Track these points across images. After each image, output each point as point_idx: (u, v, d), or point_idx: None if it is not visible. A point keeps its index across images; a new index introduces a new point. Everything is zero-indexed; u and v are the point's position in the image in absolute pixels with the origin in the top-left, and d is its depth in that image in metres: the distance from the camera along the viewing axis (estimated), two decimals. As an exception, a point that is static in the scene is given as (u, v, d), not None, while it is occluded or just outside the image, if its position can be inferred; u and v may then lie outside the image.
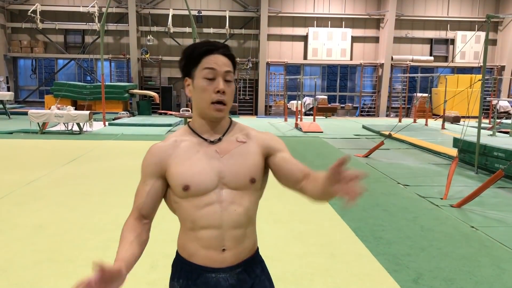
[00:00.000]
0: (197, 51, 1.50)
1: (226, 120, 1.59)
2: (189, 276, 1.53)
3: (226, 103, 1.50)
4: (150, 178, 1.53)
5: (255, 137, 1.59)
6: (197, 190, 1.46)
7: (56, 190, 6.17)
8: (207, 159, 1.50)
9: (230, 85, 1.52)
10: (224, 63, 1.50)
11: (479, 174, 7.72)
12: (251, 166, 1.52)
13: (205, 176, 1.47)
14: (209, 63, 1.48)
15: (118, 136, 12.16)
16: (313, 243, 4.30)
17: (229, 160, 1.51)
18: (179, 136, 1.57)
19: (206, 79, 1.48)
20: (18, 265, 3.67)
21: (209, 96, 1.48)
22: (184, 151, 1.51)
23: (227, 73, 1.50)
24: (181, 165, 1.49)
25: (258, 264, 1.62)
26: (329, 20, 22.07)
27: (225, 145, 1.54)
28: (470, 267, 3.79)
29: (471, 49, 22.00)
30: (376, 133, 14.01)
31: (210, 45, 1.51)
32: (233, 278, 1.53)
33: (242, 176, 1.49)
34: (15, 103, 21.29)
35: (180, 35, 21.86)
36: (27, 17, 20.87)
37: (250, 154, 1.54)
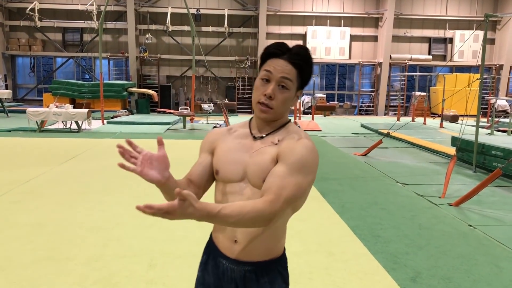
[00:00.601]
0: (266, 52, 1.54)
1: (280, 122, 1.59)
2: (211, 254, 1.64)
3: (272, 108, 1.51)
4: (203, 153, 1.66)
5: (286, 141, 1.51)
6: (223, 177, 1.56)
7: (54, 189, 6.16)
8: (241, 151, 1.56)
9: (284, 92, 1.51)
10: (283, 69, 1.49)
11: (477, 173, 7.74)
12: (264, 168, 1.50)
13: (232, 167, 1.54)
14: (269, 65, 1.51)
15: (117, 135, 12.16)
16: (312, 241, 4.31)
17: (255, 158, 1.53)
18: (237, 126, 1.67)
19: (262, 80, 1.53)
20: (17, 263, 3.67)
21: (258, 96, 1.53)
22: (230, 139, 1.61)
23: (283, 79, 1.49)
24: (221, 151, 1.59)
25: (275, 273, 1.58)
26: (327, 19, 22.07)
27: (261, 143, 1.56)
28: (468, 265, 3.80)
29: (470, 48, 22.02)
30: (375, 132, 14.02)
31: (278, 48, 1.52)
32: (239, 273, 1.56)
33: (257, 176, 1.51)
34: (13, 101, 21.24)
35: (178, 33, 21.85)
36: (25, 15, 20.83)
37: (269, 157, 1.51)
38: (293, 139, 1.51)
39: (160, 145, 1.48)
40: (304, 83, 1.56)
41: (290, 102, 1.55)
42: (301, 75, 1.53)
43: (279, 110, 1.53)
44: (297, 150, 1.45)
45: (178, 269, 3.60)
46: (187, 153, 7.82)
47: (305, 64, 1.52)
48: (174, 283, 3.37)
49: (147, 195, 5.83)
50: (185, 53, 21.91)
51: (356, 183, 6.87)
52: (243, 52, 22.06)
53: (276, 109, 1.52)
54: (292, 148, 1.47)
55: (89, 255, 3.85)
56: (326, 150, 10.25)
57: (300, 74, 1.52)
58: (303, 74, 1.53)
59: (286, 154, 1.46)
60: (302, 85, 1.56)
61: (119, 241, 4.22)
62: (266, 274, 1.57)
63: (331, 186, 6.64)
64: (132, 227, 4.60)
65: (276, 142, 1.53)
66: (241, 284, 1.57)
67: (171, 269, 3.59)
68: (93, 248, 4.02)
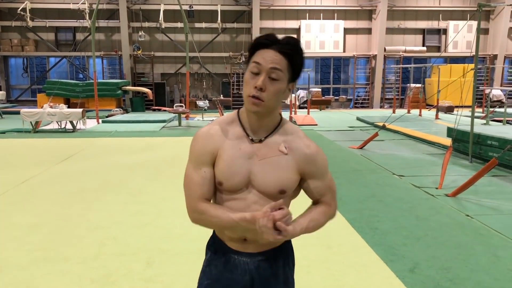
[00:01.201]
0: (254, 43, 1.49)
1: (274, 119, 1.56)
2: (218, 251, 1.65)
3: (264, 100, 1.46)
4: (206, 166, 1.54)
5: (298, 151, 1.56)
6: (228, 187, 1.53)
7: (50, 189, 6.13)
8: (244, 159, 1.52)
9: (275, 83, 1.46)
10: (272, 60, 1.44)
11: (473, 163, 7.76)
12: (283, 179, 1.52)
13: (238, 177, 1.51)
14: (257, 57, 1.46)
15: (112, 133, 12.11)
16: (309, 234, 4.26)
17: (264, 167, 1.51)
18: (225, 124, 1.57)
19: (251, 73, 1.47)
20: (14, 264, 3.65)
21: (249, 90, 1.47)
22: (229, 145, 1.53)
23: (273, 70, 1.45)
24: (223, 161, 1.52)
25: (284, 256, 1.67)
26: (321, 12, 22.02)
27: (266, 149, 1.53)
28: (465, 255, 3.81)
29: (464, 39, 22.03)
30: (370, 125, 14.03)
31: (267, 38, 1.47)
32: (253, 264, 1.60)
33: (272, 186, 1.51)
34: (7, 102, 21.11)
35: (172, 30, 21.75)
36: (16, 15, 20.66)
37: (285, 168, 1.53)
38: (301, 146, 1.57)
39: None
40: (296, 75, 1.51)
41: (282, 95, 1.49)
42: (292, 65, 1.48)
43: (270, 102, 1.48)
44: (318, 162, 1.59)
45: (176, 267, 3.59)
46: (182, 150, 7.78)
47: (295, 54, 1.47)
48: (172, 280, 3.36)
49: (142, 194, 5.82)
50: (178, 50, 21.84)
51: (353, 176, 6.87)
52: (237, 48, 21.99)
53: (268, 102, 1.47)
54: (313, 161, 1.57)
55: (87, 255, 3.83)
56: (322, 144, 10.24)
57: (291, 65, 1.47)
58: (294, 64, 1.48)
59: (313, 171, 1.58)
60: (294, 77, 1.51)
61: (116, 240, 4.20)
62: (278, 259, 1.64)
63: (328, 179, 6.63)
64: (129, 226, 4.58)
65: (285, 151, 1.53)
66: (256, 274, 1.61)
67: (169, 266, 3.58)
68: (90, 247, 4.01)
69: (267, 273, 1.61)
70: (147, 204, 5.30)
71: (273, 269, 1.62)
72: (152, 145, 9.97)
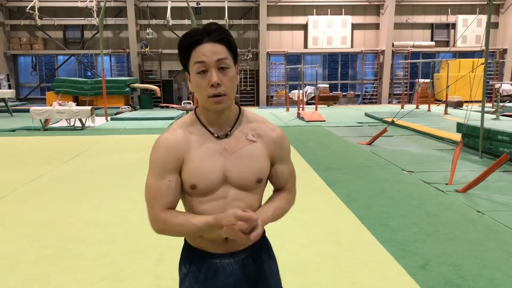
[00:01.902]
0: (186, 44, 1.42)
1: (233, 111, 1.53)
2: (195, 261, 1.56)
3: (225, 94, 1.42)
4: (171, 174, 1.47)
5: (266, 136, 1.54)
6: (203, 189, 1.46)
7: (60, 186, 6.17)
8: (215, 157, 1.47)
9: (227, 72, 1.42)
10: (214, 51, 1.39)
11: (483, 159, 7.69)
12: (258, 168, 1.50)
13: (212, 176, 1.46)
14: (198, 56, 1.40)
15: (121, 131, 12.16)
16: (319, 231, 4.30)
17: (237, 160, 1.48)
18: (185, 127, 1.51)
19: (199, 74, 1.41)
20: (25, 261, 3.68)
21: (205, 91, 1.42)
22: (195, 147, 1.47)
23: (220, 61, 1.40)
24: (192, 163, 1.45)
25: (264, 249, 1.64)
26: (328, 8, 21.91)
27: (234, 142, 1.50)
28: (477, 251, 3.77)
29: (473, 33, 21.82)
30: (379, 120, 13.96)
31: (196, 33, 1.41)
32: (237, 264, 1.55)
33: (249, 178, 1.48)
34: (16, 100, 21.27)
35: (179, 27, 21.75)
36: (25, 14, 20.79)
37: (259, 156, 1.51)
38: (268, 130, 1.55)
39: None
40: (236, 56, 1.48)
41: (235, 80, 1.46)
42: (231, 48, 1.44)
43: (231, 93, 1.44)
44: (284, 145, 1.59)
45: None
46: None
47: (228, 36, 1.43)
48: (182, 277, 3.36)
49: (153, 190, 5.83)
50: (186, 47, 21.81)
51: (362, 172, 6.84)
52: (244, 44, 21.95)
53: (229, 93, 1.43)
54: (280, 144, 1.56)
55: (97, 252, 3.85)
56: (330, 140, 10.21)
57: (230, 48, 1.44)
58: (232, 47, 1.45)
59: (280, 155, 1.58)
60: (235, 59, 1.47)
61: (126, 237, 4.22)
62: (261, 254, 1.61)
63: (337, 176, 6.61)
64: (139, 223, 4.60)
65: (254, 139, 1.51)
66: (240, 274, 1.55)
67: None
68: (101, 244, 4.03)
69: (252, 270, 1.57)
70: (157, 201, 5.31)
71: (258, 264, 1.58)
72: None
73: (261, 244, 1.62)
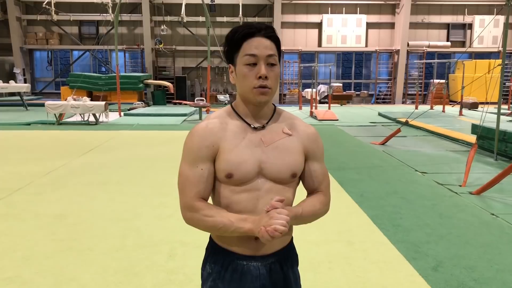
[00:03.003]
0: (237, 36, 1.45)
1: (270, 107, 1.54)
2: (221, 261, 1.53)
3: (270, 87, 1.44)
4: (203, 162, 1.46)
5: (301, 132, 1.55)
6: (238, 178, 1.45)
7: (74, 180, 6.24)
8: (251, 147, 1.47)
9: (274, 69, 1.45)
10: (266, 46, 1.43)
11: (498, 161, 7.60)
12: (293, 162, 1.49)
13: (248, 166, 1.45)
14: (250, 48, 1.42)
15: (134, 126, 12.24)
16: (331, 231, 4.28)
17: (273, 152, 1.48)
18: (223, 117, 1.51)
19: (248, 65, 1.43)
20: (40, 253, 3.73)
21: (251, 83, 1.43)
22: (232, 136, 1.47)
23: (270, 57, 1.43)
24: (228, 152, 1.45)
25: (292, 256, 1.61)
26: (343, 6, 21.79)
27: (270, 134, 1.50)
28: (491, 254, 3.73)
29: (490, 34, 21.54)
30: (393, 120, 13.86)
31: (250, 27, 1.44)
32: (264, 268, 1.51)
33: (284, 171, 1.48)
34: (32, 94, 21.55)
35: (193, 24, 21.82)
36: (42, 9, 21.02)
37: (294, 149, 1.51)
38: (303, 125, 1.58)
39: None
40: (280, 56, 1.51)
41: (279, 78, 1.49)
42: (278, 48, 1.48)
43: (275, 88, 1.47)
44: (319, 143, 1.59)
45: (197, 259, 3.59)
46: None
47: (278, 38, 1.48)
48: (194, 272, 3.38)
49: (165, 186, 5.87)
50: (200, 44, 21.90)
51: (375, 172, 6.80)
52: (258, 42, 21.93)
53: (273, 88, 1.45)
54: (313, 140, 1.57)
55: (110, 246, 3.89)
56: (343, 140, 10.17)
57: (278, 48, 1.48)
58: (279, 46, 1.48)
59: (314, 150, 1.57)
60: (279, 58, 1.51)
61: (139, 231, 4.25)
62: (287, 260, 1.58)
63: (349, 175, 6.59)
64: (152, 218, 4.63)
65: (290, 132, 1.52)
66: (267, 278, 1.52)
67: (191, 259, 3.61)
68: (114, 238, 4.06)
69: (278, 276, 1.53)
70: (170, 197, 5.34)
71: (284, 271, 1.55)
72: (174, 138, 10.04)
73: (289, 250, 1.60)
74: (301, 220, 1.49)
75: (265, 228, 1.32)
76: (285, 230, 1.31)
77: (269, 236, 1.31)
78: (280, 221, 1.31)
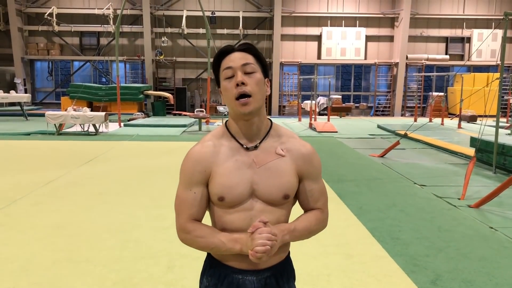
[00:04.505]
0: (216, 56, 1.51)
1: (264, 122, 1.54)
2: (217, 275, 1.55)
3: (250, 94, 1.44)
4: (197, 186, 1.50)
5: (295, 152, 1.54)
6: (230, 201, 1.47)
7: (73, 190, 6.24)
8: (243, 169, 1.47)
9: (253, 76, 1.46)
10: (240, 58, 1.46)
11: (497, 174, 7.61)
12: (286, 183, 1.49)
13: (240, 189, 1.46)
14: (226, 63, 1.47)
15: (134, 137, 12.26)
16: (329, 243, 4.28)
17: (265, 173, 1.48)
18: (216, 139, 1.54)
19: (227, 79, 1.47)
20: (38, 264, 3.72)
21: (232, 93, 1.45)
22: (224, 159, 1.49)
23: (245, 66, 1.45)
24: (220, 176, 1.47)
25: (288, 270, 1.61)
26: (343, 20, 21.97)
27: (263, 155, 1.50)
28: (489, 268, 3.73)
29: (488, 47, 21.69)
30: (392, 133, 13.90)
31: (227, 46, 1.51)
32: (260, 282, 1.52)
33: (275, 193, 1.48)
34: (32, 104, 21.60)
35: (194, 36, 21.97)
36: (43, 20, 21.18)
37: (286, 171, 1.50)
38: (297, 145, 1.56)
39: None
40: (266, 70, 1.52)
41: (263, 86, 1.48)
42: (259, 60, 1.50)
43: (257, 95, 1.45)
44: (314, 162, 1.57)
45: (196, 271, 3.59)
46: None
47: (255, 50, 1.50)
48: (192, 285, 3.37)
49: (164, 197, 5.87)
50: (200, 55, 22.03)
51: (374, 185, 6.81)
52: (258, 54, 22.05)
53: (254, 95, 1.45)
54: (309, 160, 1.55)
55: (108, 257, 3.88)
56: (342, 152, 10.18)
57: (258, 59, 1.50)
58: (260, 59, 1.50)
59: (310, 172, 1.56)
60: (265, 72, 1.51)
61: (137, 243, 4.25)
62: (283, 274, 1.58)
63: (348, 188, 6.59)
64: (150, 229, 4.63)
65: (283, 153, 1.51)
66: None
67: (190, 271, 3.60)
68: (112, 250, 4.06)
69: None
70: (168, 208, 5.33)
71: (280, 285, 1.55)
72: (173, 149, 10.06)
73: (285, 265, 1.60)
74: (295, 237, 1.51)
75: (251, 251, 1.37)
76: (264, 250, 1.35)
77: (256, 258, 1.36)
78: (259, 242, 1.35)
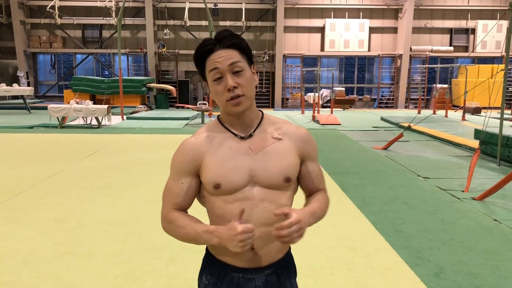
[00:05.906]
0: (199, 55, 1.46)
1: (256, 114, 1.52)
2: (217, 273, 1.52)
3: (243, 94, 1.42)
4: (185, 176, 1.49)
5: (292, 134, 1.54)
6: (227, 188, 1.43)
7: (76, 184, 6.24)
8: (239, 156, 1.45)
9: (242, 75, 1.42)
10: (227, 57, 1.41)
11: (501, 166, 7.56)
12: (286, 165, 1.47)
13: (236, 175, 1.43)
14: (211, 64, 1.42)
15: (136, 130, 12.25)
16: (332, 236, 4.26)
17: (263, 158, 1.45)
18: (210, 131, 1.52)
19: (216, 81, 1.43)
20: (40, 257, 3.72)
21: (223, 96, 1.43)
22: (217, 147, 1.47)
23: (234, 65, 1.41)
24: (214, 163, 1.44)
25: (289, 266, 1.58)
26: (346, 11, 21.82)
27: (259, 141, 1.48)
28: (493, 261, 3.71)
29: (493, 39, 21.52)
30: (395, 125, 13.84)
31: (208, 44, 1.44)
32: (260, 280, 1.49)
33: (276, 176, 1.45)
34: (35, 98, 21.63)
35: (196, 28, 21.88)
36: (45, 12, 21.13)
37: (287, 152, 1.49)
38: (293, 128, 1.56)
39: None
40: (250, 57, 1.48)
41: (252, 81, 1.46)
42: (243, 51, 1.46)
43: (249, 92, 1.44)
44: (312, 143, 1.59)
45: (198, 264, 3.56)
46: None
47: (238, 40, 1.45)
48: (194, 277, 3.35)
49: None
50: (203, 48, 21.92)
51: (377, 177, 6.78)
52: (261, 46, 21.98)
53: (247, 93, 1.43)
54: (308, 141, 1.56)
55: (111, 250, 3.88)
56: (345, 144, 10.15)
57: (243, 51, 1.45)
58: (244, 50, 1.46)
59: (310, 152, 1.57)
60: (250, 60, 1.48)
61: (139, 236, 4.24)
62: (284, 271, 1.55)
63: (352, 180, 6.57)
64: (152, 222, 4.62)
65: (280, 137, 1.50)
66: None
67: (191, 263, 3.60)
68: (114, 243, 4.05)
69: (276, 287, 1.51)
70: (170, 201, 5.33)
71: (281, 282, 1.52)
72: (176, 142, 9.98)
73: (287, 261, 1.56)
74: (316, 219, 1.49)
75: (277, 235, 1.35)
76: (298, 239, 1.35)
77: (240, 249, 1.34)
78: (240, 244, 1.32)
